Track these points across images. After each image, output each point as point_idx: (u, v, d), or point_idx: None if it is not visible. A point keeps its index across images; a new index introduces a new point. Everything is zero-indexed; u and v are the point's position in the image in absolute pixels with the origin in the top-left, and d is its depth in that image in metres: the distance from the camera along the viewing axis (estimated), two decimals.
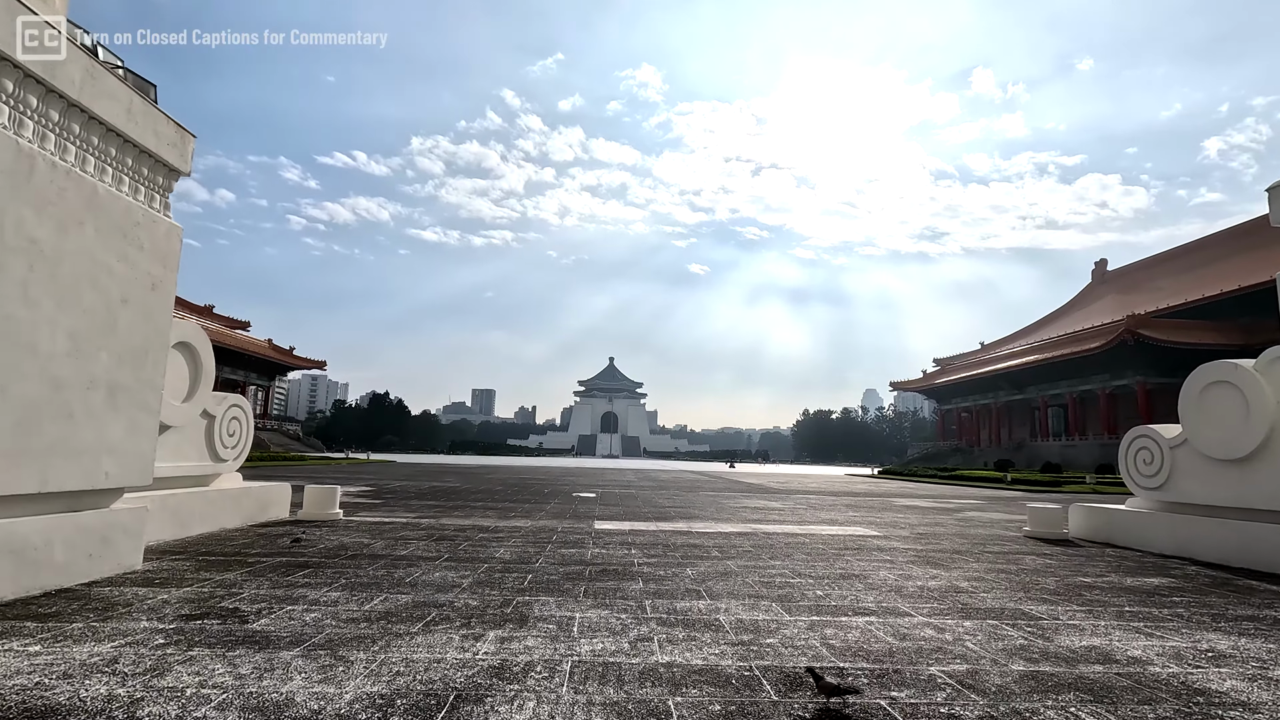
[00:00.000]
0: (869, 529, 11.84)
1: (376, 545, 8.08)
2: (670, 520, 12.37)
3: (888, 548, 9.35)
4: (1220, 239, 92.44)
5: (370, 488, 19.25)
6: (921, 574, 7.23)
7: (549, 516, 12.37)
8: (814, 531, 11.16)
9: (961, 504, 19.90)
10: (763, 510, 15.38)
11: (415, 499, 15.61)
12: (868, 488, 29.96)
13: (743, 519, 13.12)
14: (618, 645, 4.19)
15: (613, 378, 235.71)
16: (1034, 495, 26.96)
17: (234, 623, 4.41)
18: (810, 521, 12.97)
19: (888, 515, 15.00)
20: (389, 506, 13.45)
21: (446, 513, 12.46)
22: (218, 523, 8.94)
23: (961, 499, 22.74)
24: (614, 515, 13.04)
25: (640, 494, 20.26)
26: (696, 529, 11.03)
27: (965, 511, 16.88)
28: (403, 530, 9.60)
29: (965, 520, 14.28)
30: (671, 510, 14.59)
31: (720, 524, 11.96)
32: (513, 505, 14.61)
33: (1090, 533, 11.04)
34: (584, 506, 14.87)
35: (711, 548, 8.82)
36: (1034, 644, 4.52)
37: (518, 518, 11.94)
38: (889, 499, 21.48)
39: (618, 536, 9.70)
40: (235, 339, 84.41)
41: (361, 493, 17.12)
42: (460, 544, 8.41)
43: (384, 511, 12.33)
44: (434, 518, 11.46)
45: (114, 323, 5.77)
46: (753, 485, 28.60)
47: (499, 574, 6.47)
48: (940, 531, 11.75)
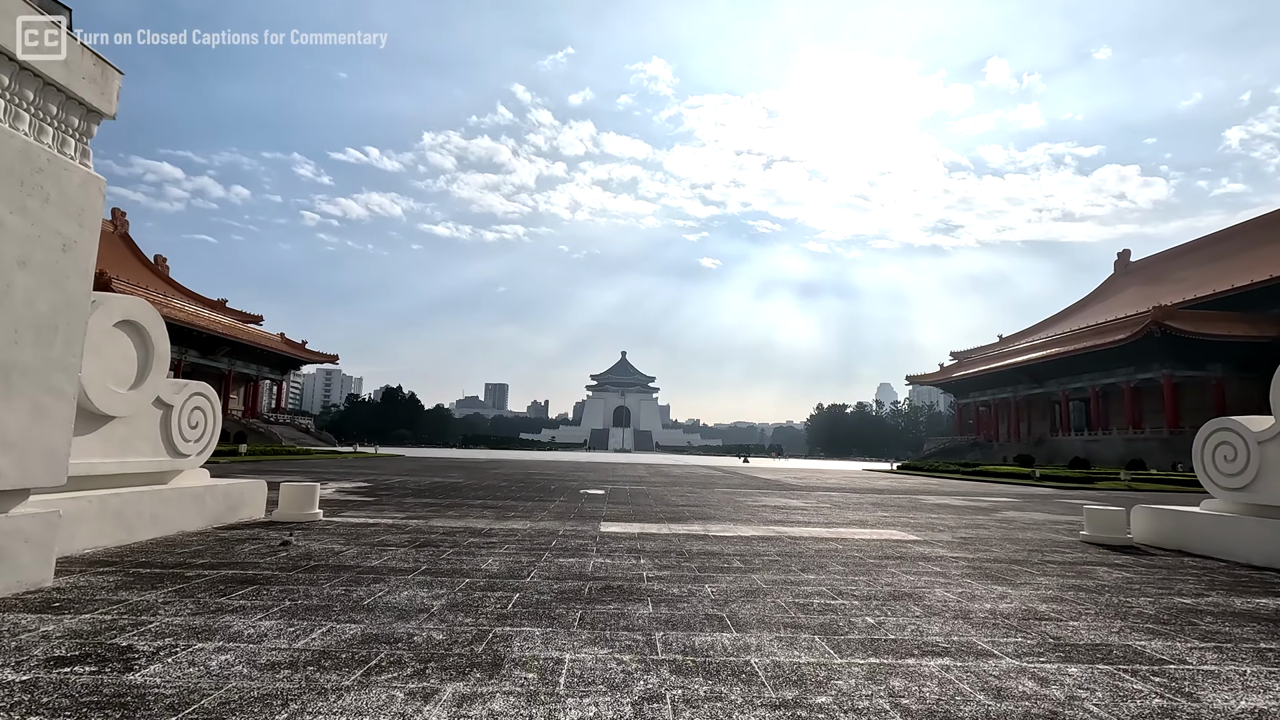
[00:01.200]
0: (904, 531, 10.65)
1: (347, 553, 7.03)
2: (684, 522, 11.25)
3: (933, 555, 8.17)
4: (1248, 228, 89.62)
5: (367, 483, 18.29)
6: (984, 591, 6.06)
7: (551, 517, 11.29)
8: (844, 535, 10.00)
9: (995, 502, 18.61)
10: (784, 510, 14.22)
11: (411, 496, 14.60)
12: (890, 484, 28.67)
13: (763, 520, 11.97)
14: (617, 711, 3.08)
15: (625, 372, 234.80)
16: (1066, 492, 25.57)
17: (112, 670, 3.34)
18: (838, 523, 11.80)
19: (920, 515, 13.78)
20: (379, 505, 12.44)
21: (440, 512, 11.42)
22: (174, 525, 7.94)
23: (992, 496, 21.43)
24: (623, 516, 11.94)
25: (652, 491, 19.17)
26: (714, 532, 9.90)
27: (1002, 511, 15.62)
28: (384, 534, 8.55)
29: (1006, 521, 13.05)
30: (686, 510, 13.47)
31: (740, 526, 10.82)
32: (514, 504, 13.56)
33: (1159, 538, 9.79)
34: (591, 505, 13.79)
35: (732, 556, 7.69)
36: (1179, 706, 3.35)
37: (517, 518, 10.87)
38: (915, 496, 20.23)
39: (626, 542, 8.59)
40: (248, 333, 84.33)
41: (356, 489, 16.15)
42: (444, 552, 7.34)
43: (372, 511, 11.31)
44: (424, 519, 10.41)
45: (7, 290, 4.73)
46: (769, 481, 27.42)
47: (479, 593, 5.38)
48: (985, 535, 10.54)
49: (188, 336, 71.11)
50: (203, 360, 76.34)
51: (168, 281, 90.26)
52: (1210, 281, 78.35)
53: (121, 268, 74.65)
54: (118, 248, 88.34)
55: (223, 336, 75.35)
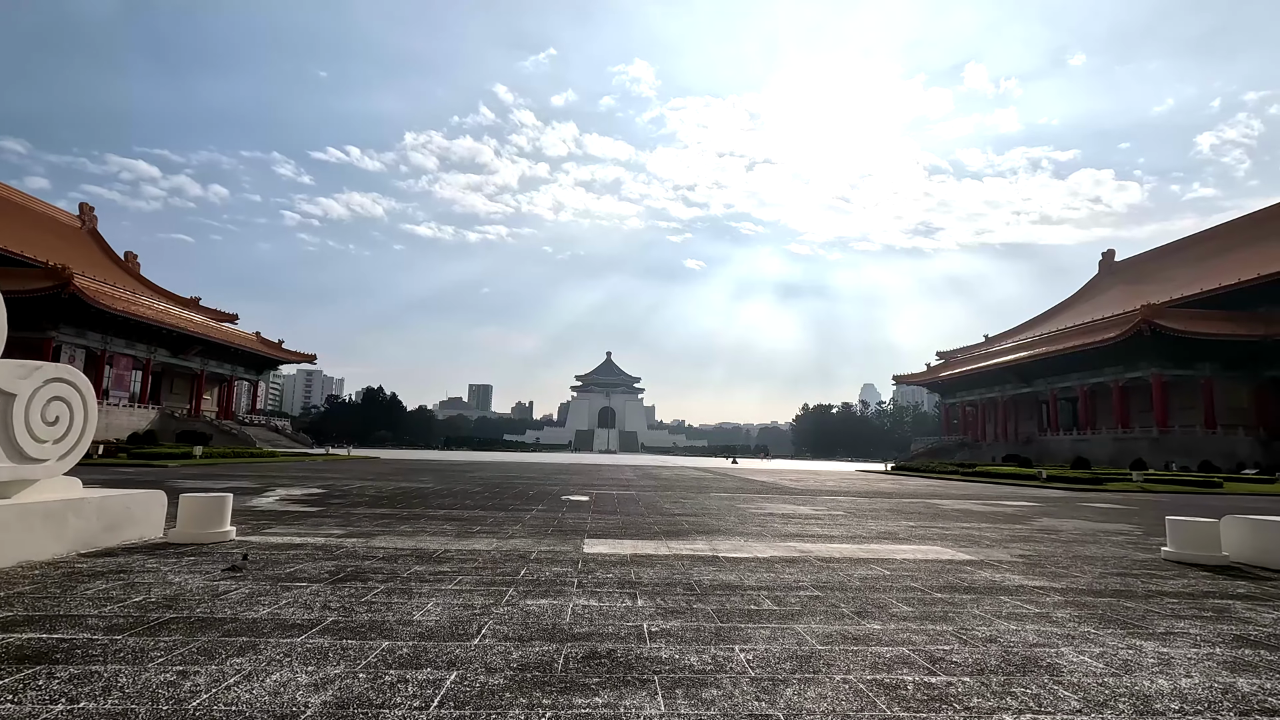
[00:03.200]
0: (950, 548, 8.89)
1: (233, 596, 5.08)
2: (685, 537, 9.38)
3: (1010, 585, 6.39)
4: (1231, 229, 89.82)
5: (322, 490, 16.22)
6: (1129, 651, 4.26)
7: (525, 532, 9.38)
8: (882, 554, 8.21)
9: (1018, 507, 16.96)
10: (796, 520, 12.41)
11: (365, 506, 12.60)
12: (892, 486, 27.04)
13: (777, 533, 10.14)
14: None
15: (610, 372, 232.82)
16: (1080, 494, 24.10)
17: None
18: (864, 536, 10.01)
19: (952, 525, 12.04)
20: (321, 517, 10.44)
21: (390, 527, 9.45)
22: (18, 553, 5.93)
23: (1009, 500, 19.81)
24: (611, 530, 10.05)
25: (642, 496, 17.29)
26: (724, 552, 8.05)
27: (1035, 518, 13.94)
28: (304, 561, 6.59)
29: (1050, 531, 11.34)
30: (684, 521, 11.60)
31: (753, 543, 8.98)
32: (483, 515, 11.62)
33: (1263, 556, 8.11)
34: (573, 516, 11.89)
35: (757, 591, 5.84)
36: None
37: (482, 535, 8.93)
38: (929, 501, 18.55)
39: (616, 569, 6.71)
40: (222, 331, 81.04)
41: (306, 497, 14.11)
42: (371, 590, 5.41)
43: (308, 526, 9.32)
44: (366, 536, 8.45)
45: None
46: (766, 484, 25.66)
47: (393, 675, 3.46)
48: (1046, 553, 8.79)
49: (157, 335, 68.11)
50: (173, 360, 73.24)
51: (138, 278, 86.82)
52: (1197, 281, 78.09)
53: (88, 264, 71.38)
54: (85, 244, 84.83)
55: (194, 335, 72.29)
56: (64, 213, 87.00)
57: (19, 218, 72.80)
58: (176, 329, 68.95)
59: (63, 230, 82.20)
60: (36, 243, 66.98)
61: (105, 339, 63.73)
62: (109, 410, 62.45)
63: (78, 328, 60.71)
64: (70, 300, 55.17)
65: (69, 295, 54.55)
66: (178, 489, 15.14)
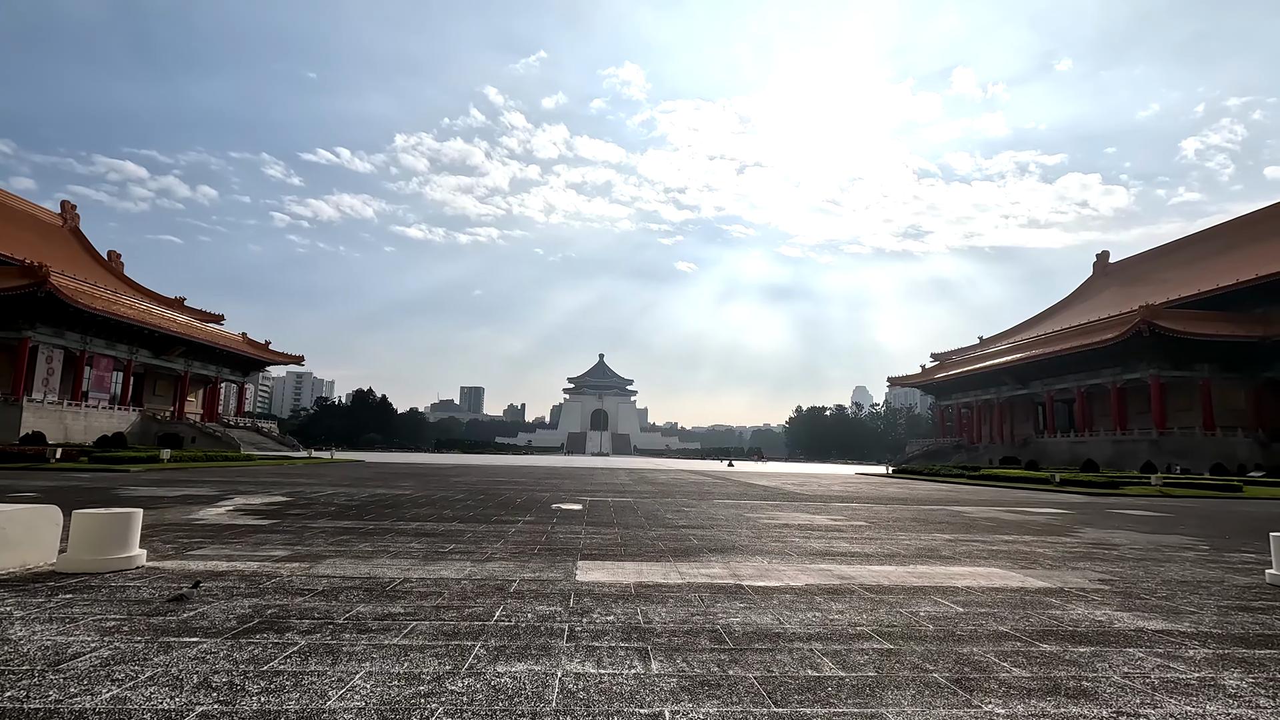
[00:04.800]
0: (1010, 569, 7.48)
1: (82, 662, 3.58)
2: (697, 558, 7.93)
3: (1127, 630, 4.97)
4: (1228, 229, 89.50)
5: (285, 498, 14.66)
6: None
7: (507, 553, 7.91)
8: (937, 578, 6.80)
9: (1049, 515, 15.61)
10: (817, 532, 10.98)
11: (327, 518, 11.08)
12: (901, 490, 25.70)
13: (801, 550, 8.71)
14: None
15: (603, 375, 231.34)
16: (1101, 499, 22.81)
17: None
18: (904, 554, 8.59)
19: (992, 540, 10.65)
20: (270, 534, 8.94)
21: (348, 546, 7.96)
22: None
23: (1034, 507, 18.46)
24: (609, 548, 8.59)
25: (640, 504, 15.83)
26: (748, 579, 6.61)
27: (1078, 530, 12.59)
28: (215, 599, 5.10)
29: (1104, 546, 9.98)
30: (692, 536, 10.13)
31: (779, 565, 7.54)
32: (461, 528, 10.13)
33: None
34: (565, 529, 10.42)
35: (808, 643, 4.40)
36: None
37: (453, 557, 7.45)
38: (950, 508, 17.18)
39: (618, 607, 5.26)
40: (206, 332, 78.82)
41: (263, 507, 12.57)
42: (284, 651, 3.93)
43: (247, 545, 7.81)
44: (312, 560, 6.95)
45: None
46: (770, 489, 24.26)
47: None
48: (1129, 576, 7.38)
49: (138, 335, 66.10)
50: (156, 361, 71.17)
51: (120, 278, 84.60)
52: (1193, 282, 77.47)
53: (68, 263, 69.29)
54: (66, 242, 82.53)
55: (177, 336, 70.17)
56: (45, 210, 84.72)
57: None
58: (159, 329, 66.93)
59: (43, 228, 79.96)
60: (14, 240, 64.86)
61: (84, 339, 61.70)
62: (88, 412, 60.42)
63: (55, 327, 58.68)
64: (47, 299, 53.21)
65: (45, 294, 52.58)
66: (120, 498, 13.61)
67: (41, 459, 24.49)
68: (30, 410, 53.91)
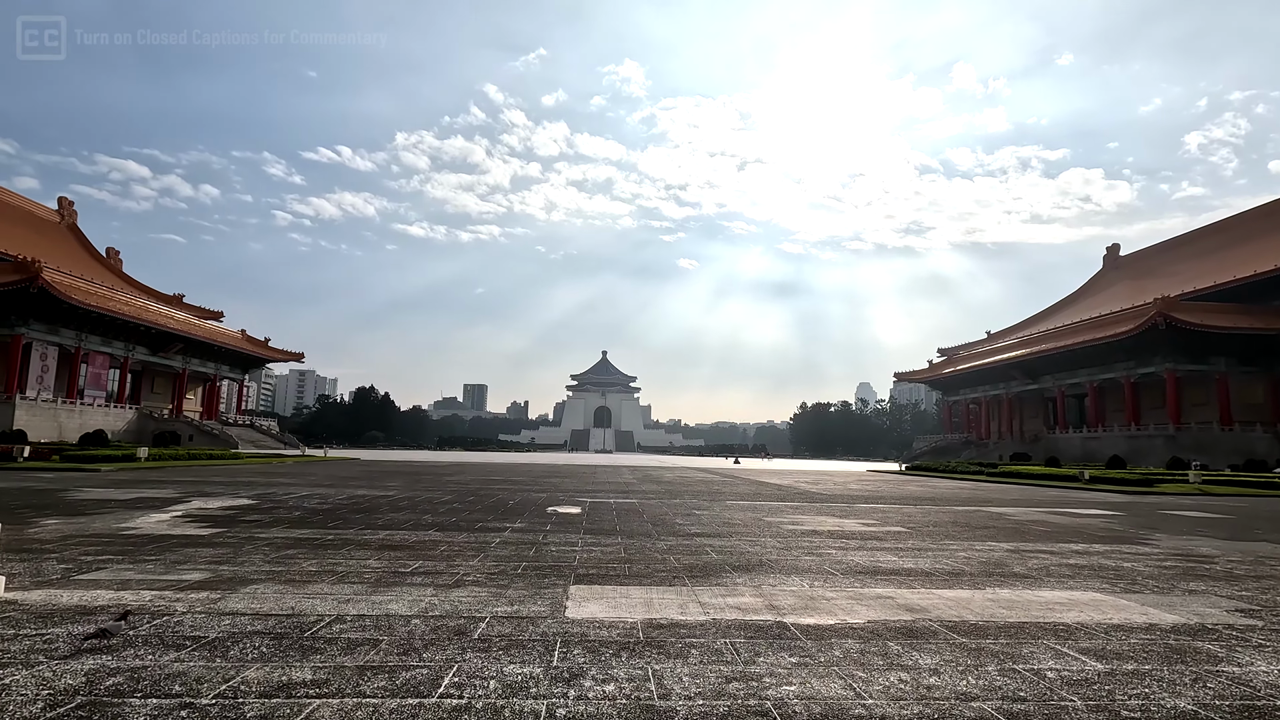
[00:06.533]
0: (1116, 594, 5.93)
1: None
2: (720, 579, 6.38)
3: None
4: (1241, 221, 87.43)
5: (250, 501, 13.15)
6: None
7: (484, 573, 6.37)
8: (1034, 609, 5.25)
9: (1101, 519, 14.04)
10: (854, 541, 9.42)
11: (283, 526, 9.55)
12: (922, 489, 24.11)
13: (843, 567, 7.17)
14: None
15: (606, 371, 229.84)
16: (1138, 498, 21.21)
17: None
18: (973, 572, 7.04)
19: (1061, 550, 9.08)
20: (204, 546, 7.41)
21: (287, 565, 6.44)
22: None
23: (1076, 508, 16.84)
24: (610, 565, 7.05)
25: (646, 506, 14.30)
26: (792, 614, 5.06)
27: (1151, 538, 11.01)
28: (22, 662, 3.61)
29: (1196, 559, 8.41)
30: (708, 547, 8.58)
31: (825, 589, 5.99)
32: (437, 539, 8.61)
33: None
34: (559, 539, 8.89)
35: None
36: None
37: (413, 581, 5.91)
38: (987, 510, 15.58)
39: (620, 669, 3.71)
40: (204, 329, 77.39)
41: (219, 511, 11.06)
42: None
43: (165, 563, 6.30)
44: (227, 589, 5.42)
45: None
46: (785, 488, 22.70)
47: None
48: (1272, 604, 5.85)
49: (134, 332, 64.83)
50: (153, 358, 69.91)
51: (118, 275, 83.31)
52: (1209, 274, 75.52)
53: (65, 259, 67.96)
54: (64, 239, 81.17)
55: (175, 332, 68.86)
56: (42, 207, 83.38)
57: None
58: (155, 326, 65.61)
59: (40, 225, 78.60)
60: (9, 236, 63.43)
61: (80, 336, 60.46)
62: (83, 410, 59.14)
63: (49, 324, 57.41)
64: (40, 295, 51.90)
65: (38, 290, 51.25)
66: (59, 501, 12.05)
67: (8, 457, 23.08)
68: (23, 408, 52.64)
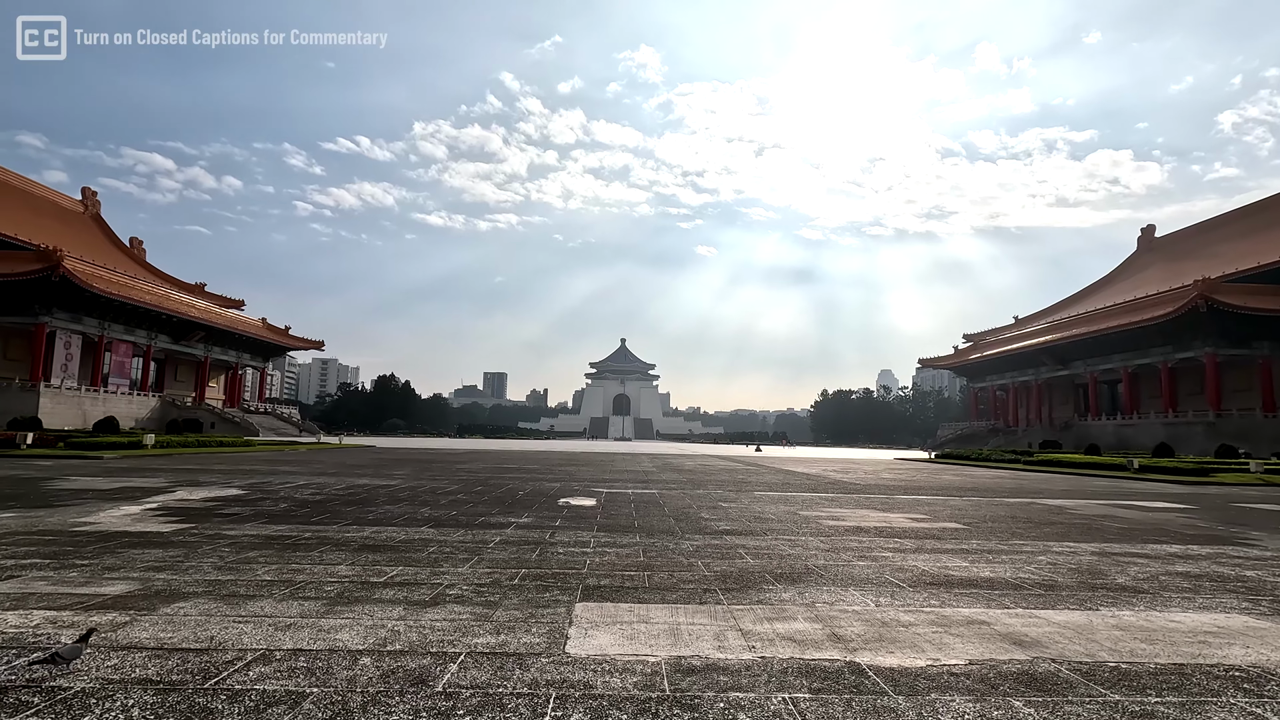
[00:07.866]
0: (1267, 619, 4.66)
1: None
2: (763, 595, 5.15)
3: None
4: None
5: (239, 492, 12.19)
6: None
7: (472, 585, 5.22)
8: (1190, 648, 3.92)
9: (1176, 514, 12.56)
10: (909, 540, 8.14)
11: (260, 520, 8.52)
12: (962, 480, 22.62)
13: (912, 578, 5.92)
14: None
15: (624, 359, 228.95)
16: (1197, 489, 19.56)
17: None
18: (1070, 584, 5.72)
19: (1158, 551, 7.70)
20: (155, 547, 6.35)
21: (239, 572, 5.35)
22: None
23: (1136, 500, 15.32)
24: (626, 572, 5.87)
25: (667, 499, 13.12)
26: (864, 650, 3.80)
27: (1248, 538, 9.57)
28: None
29: None
30: (741, 549, 7.36)
31: (895, 609, 4.73)
32: (429, 536, 7.50)
33: None
34: (568, 538, 7.74)
35: None
36: None
37: (377, 598, 4.76)
38: (1039, 501, 14.14)
39: None
40: (225, 317, 77.57)
41: (200, 502, 10.08)
42: None
43: (94, 569, 5.24)
44: (147, 607, 4.31)
45: None
46: (814, 476, 21.40)
47: None
48: None
49: (157, 320, 65.06)
50: (176, 346, 70.25)
51: (141, 264, 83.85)
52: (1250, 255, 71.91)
53: (88, 249, 68.21)
54: (88, 229, 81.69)
55: (196, 321, 69.09)
56: (66, 197, 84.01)
57: (15, 201, 69.73)
58: (176, 314, 65.78)
59: (64, 215, 79.14)
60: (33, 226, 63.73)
61: (103, 324, 60.73)
62: (106, 398, 59.44)
63: (72, 312, 57.67)
64: (62, 283, 51.99)
65: (59, 278, 51.33)
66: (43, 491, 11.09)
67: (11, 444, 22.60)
68: (48, 395, 52.93)
